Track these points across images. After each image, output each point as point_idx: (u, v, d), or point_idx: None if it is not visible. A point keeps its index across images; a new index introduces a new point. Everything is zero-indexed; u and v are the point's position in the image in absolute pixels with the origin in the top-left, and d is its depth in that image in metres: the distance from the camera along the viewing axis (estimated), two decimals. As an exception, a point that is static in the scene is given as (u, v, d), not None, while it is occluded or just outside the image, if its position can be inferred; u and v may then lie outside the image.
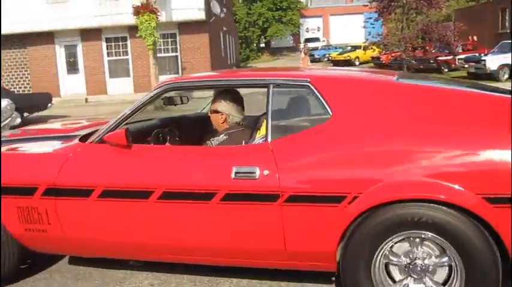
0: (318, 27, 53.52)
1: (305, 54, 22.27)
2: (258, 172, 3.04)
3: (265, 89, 3.30)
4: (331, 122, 3.07)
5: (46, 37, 22.68)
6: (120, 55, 22.96)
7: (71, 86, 23.20)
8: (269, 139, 3.15)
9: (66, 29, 22.35)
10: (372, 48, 31.98)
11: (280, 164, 3.01)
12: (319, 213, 2.94)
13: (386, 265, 2.97)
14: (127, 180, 3.35)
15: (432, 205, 2.76)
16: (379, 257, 2.92)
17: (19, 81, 23.58)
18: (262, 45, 52.00)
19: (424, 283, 2.92)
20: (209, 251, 3.34)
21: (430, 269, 2.90)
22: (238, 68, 35.26)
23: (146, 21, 18.16)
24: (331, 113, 3.09)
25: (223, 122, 3.87)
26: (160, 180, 3.26)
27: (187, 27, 21.96)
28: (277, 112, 3.30)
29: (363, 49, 35.47)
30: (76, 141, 3.71)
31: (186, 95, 4.44)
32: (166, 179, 3.25)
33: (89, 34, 22.49)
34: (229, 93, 3.90)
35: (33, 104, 15.95)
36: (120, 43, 22.84)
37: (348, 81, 3.43)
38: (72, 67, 23.38)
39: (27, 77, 23.48)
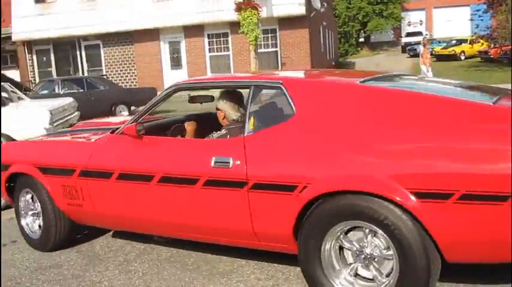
0: (421, 21, 51.65)
1: (424, 46, 18.59)
2: (231, 162, 3.51)
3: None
4: (293, 120, 3.47)
5: (151, 34, 23.59)
6: (221, 51, 23.43)
7: (175, 81, 23.92)
8: (245, 133, 3.60)
9: (170, 26, 23.13)
10: (479, 42, 30.35)
11: (249, 155, 3.47)
12: (277, 199, 3.35)
13: (341, 248, 3.30)
14: (135, 165, 4.02)
15: (368, 197, 3.04)
16: (327, 242, 3.25)
17: (126, 76, 24.73)
18: (362, 40, 51.00)
19: (370, 271, 3.21)
20: (194, 229, 3.91)
21: (376, 260, 3.18)
22: (337, 64, 34.85)
23: (248, 17, 18.37)
24: (294, 112, 3.47)
25: (223, 119, 4.28)
26: (159, 167, 3.87)
27: (287, 22, 21.97)
28: (254, 110, 3.76)
29: (469, 43, 33.76)
30: (108, 133, 4.42)
31: (210, 95, 4.90)
32: (163, 166, 3.86)
33: (192, 31, 23.11)
34: (228, 93, 4.29)
35: (139, 98, 16.67)
36: (222, 39, 23.29)
37: (311, 84, 3.88)
38: (175, 63, 24.16)
39: (133, 72, 24.56)
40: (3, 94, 11.67)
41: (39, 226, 4.81)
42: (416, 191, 2.91)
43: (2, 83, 13.00)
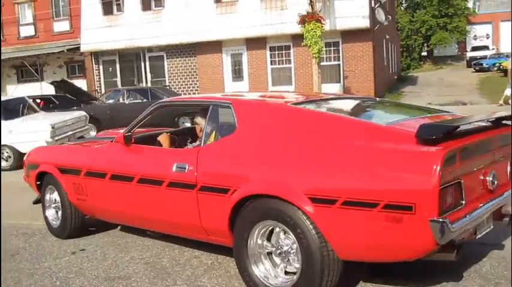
0: (487, 35, 49.99)
1: None
2: (187, 168, 4.21)
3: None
4: (234, 135, 4.16)
5: (214, 46, 23.85)
6: (283, 63, 23.40)
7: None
8: (202, 144, 4.42)
9: (232, 38, 23.31)
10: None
11: (199, 163, 4.15)
12: (216, 200, 3.99)
13: (263, 243, 3.86)
14: (122, 168, 4.85)
15: (277, 200, 3.60)
16: (253, 237, 3.84)
17: (188, 87, 25.08)
18: (424, 53, 49.86)
19: (285, 263, 3.77)
20: (160, 223, 4.72)
21: (287, 255, 3.73)
22: (399, 78, 34.14)
23: (312, 29, 18.23)
24: (236, 127, 4.14)
25: (200, 131, 4.91)
26: (137, 170, 4.68)
27: (350, 35, 21.70)
28: (211, 125, 4.49)
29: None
30: (109, 141, 5.26)
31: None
32: (140, 169, 4.66)
33: (254, 43, 23.21)
34: (203, 110, 4.82)
35: (201, 110, 16.77)
36: (284, 51, 23.26)
37: (251, 104, 4.46)
38: (237, 75, 24.31)
39: (196, 84, 24.88)
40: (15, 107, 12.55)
41: (59, 217, 5.75)
42: (312, 197, 3.45)
43: (23, 96, 14.18)
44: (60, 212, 5.71)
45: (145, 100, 17.43)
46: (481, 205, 3.48)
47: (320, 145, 3.64)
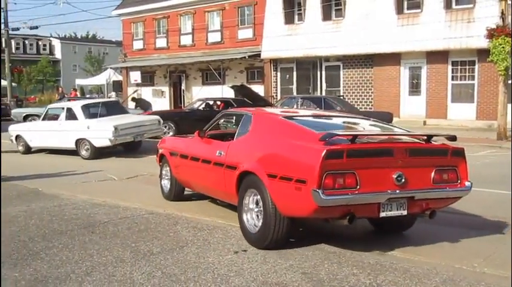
0: None
1: None
2: (222, 153, 6.47)
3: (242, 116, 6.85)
4: (246, 135, 6.35)
5: (392, 58, 23.29)
6: (465, 79, 22.03)
7: (411, 108, 23.27)
8: (234, 139, 6.54)
9: (412, 50, 22.56)
10: None
11: (228, 151, 6.40)
12: (230, 174, 6.15)
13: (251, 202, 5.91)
14: (195, 153, 7.23)
15: (254, 175, 5.72)
16: (246, 197, 5.94)
17: (363, 98, 24.80)
18: None
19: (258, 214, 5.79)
20: (210, 189, 7.23)
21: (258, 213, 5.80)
22: None
23: (500, 45, 16.89)
24: (249, 130, 6.31)
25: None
26: (202, 154, 7.01)
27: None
28: (239, 127, 6.61)
29: None
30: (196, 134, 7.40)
31: None
32: (202, 154, 7.00)
33: (435, 56, 22.21)
34: (240, 117, 6.96)
35: (374, 122, 16.43)
36: (467, 67, 21.90)
37: (261, 115, 6.56)
38: (414, 88, 23.47)
39: (370, 95, 24.52)
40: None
41: (168, 185, 8.24)
42: (267, 174, 5.49)
43: (117, 99, 17.44)
44: (168, 182, 8.22)
45: (318, 109, 17.56)
46: (377, 191, 5.12)
47: (278, 142, 5.77)
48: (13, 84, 41.63)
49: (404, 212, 5.32)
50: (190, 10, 31.46)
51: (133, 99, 26.10)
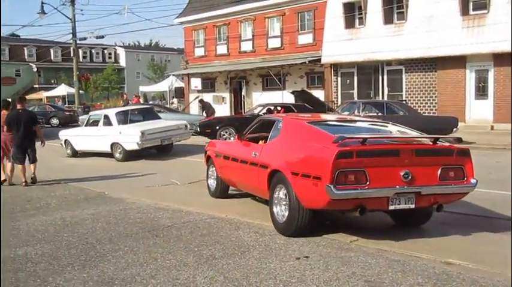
0: None
1: None
2: (257, 154, 7.30)
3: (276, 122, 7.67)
4: (277, 138, 7.20)
5: (457, 61, 22.60)
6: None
7: (477, 112, 22.48)
8: (268, 141, 7.44)
9: (478, 53, 21.83)
10: None
11: (261, 152, 7.26)
12: (263, 172, 6.95)
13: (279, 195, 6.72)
14: (235, 154, 8.05)
15: (280, 173, 6.54)
16: (275, 193, 6.71)
17: (426, 103, 24.19)
18: None
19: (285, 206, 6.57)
20: (247, 186, 8.07)
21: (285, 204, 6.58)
22: None
23: None
24: (279, 134, 7.19)
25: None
26: (240, 155, 7.84)
27: None
28: (273, 131, 7.42)
29: None
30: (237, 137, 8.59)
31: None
32: (241, 154, 7.84)
33: (503, 59, 21.37)
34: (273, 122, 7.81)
35: (438, 127, 16.00)
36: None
37: (288, 120, 7.43)
38: (480, 92, 22.66)
39: (434, 100, 23.88)
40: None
41: (214, 183, 9.11)
42: (291, 172, 6.29)
43: (151, 105, 19.89)
44: (214, 181, 9.10)
45: (380, 114, 17.28)
46: (386, 187, 5.81)
47: (300, 144, 6.62)
48: (80, 91, 43.21)
49: (412, 206, 5.98)
50: (250, 17, 31.69)
51: (201, 101, 26.47)
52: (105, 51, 76.85)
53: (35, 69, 68.39)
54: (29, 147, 10.99)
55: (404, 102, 21.99)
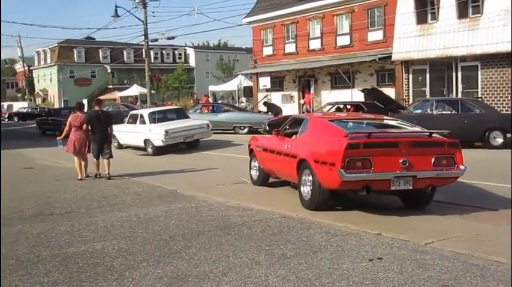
0: None
1: None
2: (289, 146, 8.98)
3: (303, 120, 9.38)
4: (305, 133, 8.84)
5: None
6: None
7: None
8: (297, 136, 9.08)
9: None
10: None
11: (292, 145, 8.95)
12: (293, 161, 8.57)
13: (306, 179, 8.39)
14: (273, 147, 9.70)
15: (306, 161, 8.18)
16: (303, 175, 8.28)
17: (504, 100, 23.15)
18: None
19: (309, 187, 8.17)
20: (282, 173, 9.68)
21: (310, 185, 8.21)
22: None
23: None
24: (307, 130, 8.84)
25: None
26: (277, 147, 9.44)
27: None
28: (302, 127, 9.05)
29: None
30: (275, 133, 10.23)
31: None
32: (277, 147, 9.46)
33: None
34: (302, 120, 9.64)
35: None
36: None
37: (314, 119, 9.15)
38: None
39: (506, 97, 22.84)
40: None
41: (257, 173, 10.56)
42: (314, 160, 7.88)
43: (180, 106, 23.01)
44: (256, 171, 10.54)
45: (454, 112, 16.73)
46: (387, 171, 7.28)
47: (321, 138, 8.22)
48: (152, 91, 44.35)
49: (410, 187, 7.42)
50: (318, 14, 31.43)
51: (265, 103, 26.81)
52: (176, 51, 78.49)
53: (109, 71, 70.79)
54: (105, 143, 12.18)
55: (479, 99, 21.16)
